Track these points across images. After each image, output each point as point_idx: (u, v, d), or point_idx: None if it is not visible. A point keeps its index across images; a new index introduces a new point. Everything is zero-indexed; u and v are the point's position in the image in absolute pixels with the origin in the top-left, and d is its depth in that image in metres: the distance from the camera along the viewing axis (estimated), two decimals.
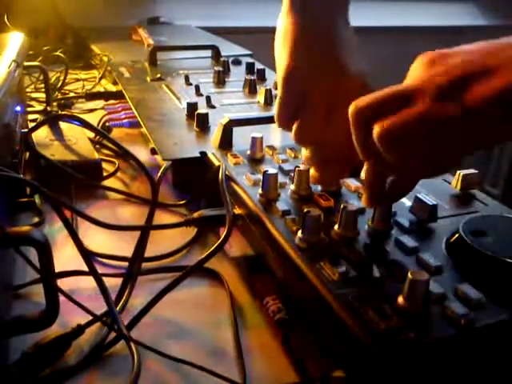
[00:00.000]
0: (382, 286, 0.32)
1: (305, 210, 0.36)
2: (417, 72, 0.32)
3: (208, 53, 0.96)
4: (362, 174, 0.45)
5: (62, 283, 0.39)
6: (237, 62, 0.93)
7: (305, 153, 0.43)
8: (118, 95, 0.77)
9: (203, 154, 0.52)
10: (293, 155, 0.50)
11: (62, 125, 0.64)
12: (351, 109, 0.33)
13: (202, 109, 0.63)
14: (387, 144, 0.31)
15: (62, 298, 0.33)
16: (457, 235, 0.35)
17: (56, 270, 0.33)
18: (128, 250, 0.43)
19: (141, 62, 0.91)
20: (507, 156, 1.94)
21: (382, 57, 2.05)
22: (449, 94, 0.29)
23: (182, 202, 0.53)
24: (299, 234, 0.36)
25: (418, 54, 0.34)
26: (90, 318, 0.36)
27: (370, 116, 0.31)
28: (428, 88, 0.30)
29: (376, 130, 0.31)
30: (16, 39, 0.62)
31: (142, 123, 0.62)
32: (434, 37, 2.10)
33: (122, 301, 0.39)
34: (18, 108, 0.54)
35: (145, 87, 0.76)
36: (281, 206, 0.40)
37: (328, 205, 0.41)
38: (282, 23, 0.44)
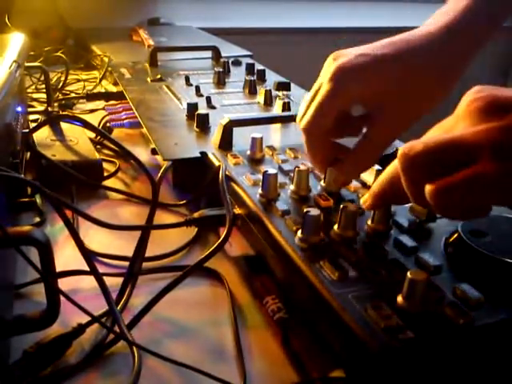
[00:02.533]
0: (381, 285, 0.32)
1: (305, 210, 0.36)
2: (470, 120, 0.30)
3: (208, 53, 0.96)
4: (362, 175, 0.45)
5: (63, 283, 0.39)
6: (237, 63, 0.93)
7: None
8: (118, 96, 0.77)
9: (203, 154, 0.52)
10: (292, 155, 0.51)
11: (63, 125, 0.64)
12: (401, 154, 0.31)
13: (203, 109, 0.63)
14: (441, 205, 0.29)
15: (62, 298, 0.33)
16: (456, 235, 0.35)
17: (57, 270, 0.33)
18: (128, 250, 0.43)
19: (141, 63, 0.91)
20: None
21: None
22: (510, 153, 0.27)
23: (182, 202, 0.53)
24: (299, 233, 0.36)
25: None
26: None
27: (422, 169, 0.30)
28: (487, 145, 0.28)
29: (429, 188, 0.29)
30: (17, 40, 0.62)
31: (142, 124, 0.62)
32: None
33: (123, 300, 0.39)
34: (19, 108, 0.54)
35: (145, 88, 0.77)
36: (281, 205, 0.40)
37: (328, 205, 0.41)
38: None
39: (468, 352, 0.29)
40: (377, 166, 0.44)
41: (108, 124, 0.71)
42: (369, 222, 0.38)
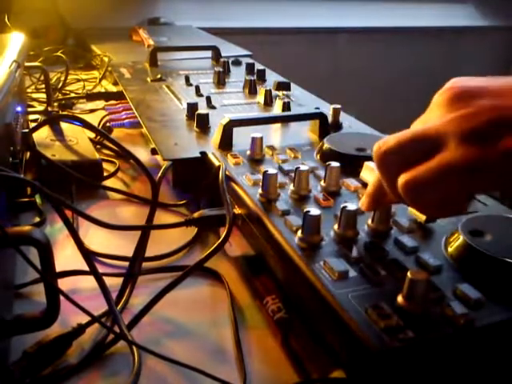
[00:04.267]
0: (381, 285, 0.32)
1: (305, 210, 0.36)
2: (439, 111, 0.30)
3: (208, 53, 0.96)
4: (362, 175, 0.45)
5: (63, 283, 0.40)
6: (237, 63, 0.93)
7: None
8: (118, 96, 0.77)
9: (203, 154, 0.52)
10: (292, 155, 0.51)
11: (63, 125, 0.64)
12: (375, 149, 0.32)
13: (203, 109, 0.63)
14: (410, 196, 0.30)
15: (62, 298, 0.33)
16: (456, 235, 0.35)
17: (57, 270, 0.33)
18: (128, 250, 0.43)
19: (141, 63, 0.91)
20: None
21: (382, 57, 2.05)
22: (474, 139, 0.28)
23: (182, 202, 0.53)
24: (299, 233, 0.36)
25: (418, 53, 0.34)
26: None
27: (394, 161, 0.31)
28: (452, 133, 0.28)
29: (400, 181, 0.30)
30: (17, 40, 0.62)
31: (142, 123, 0.62)
32: (434, 37, 2.11)
33: (123, 300, 0.39)
34: (19, 108, 0.54)
35: (145, 88, 0.77)
36: (281, 205, 0.40)
37: (328, 205, 0.41)
38: None
39: (468, 352, 0.29)
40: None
41: (108, 124, 0.71)
42: (369, 222, 0.38)
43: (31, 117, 0.71)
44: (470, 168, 0.28)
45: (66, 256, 0.44)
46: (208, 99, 0.69)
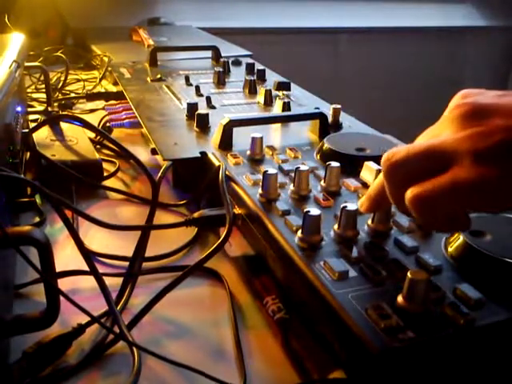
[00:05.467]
0: (381, 285, 0.32)
1: (305, 210, 0.36)
2: (452, 126, 0.30)
3: (208, 53, 0.96)
4: (362, 175, 0.45)
5: (63, 283, 0.40)
6: (237, 63, 0.93)
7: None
8: (118, 95, 0.77)
9: (203, 154, 0.52)
10: (292, 155, 0.51)
11: (63, 125, 0.64)
12: (384, 159, 0.32)
13: (203, 109, 0.63)
14: (419, 210, 0.30)
15: (62, 298, 0.33)
16: (456, 235, 0.35)
17: (57, 270, 0.33)
18: (128, 250, 0.43)
19: (141, 63, 0.91)
20: None
21: (382, 57, 2.05)
22: (488, 158, 0.28)
23: (182, 202, 0.53)
24: (299, 233, 0.36)
25: (418, 53, 0.34)
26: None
27: (403, 174, 0.31)
28: (467, 150, 0.28)
29: (408, 195, 0.30)
30: (17, 40, 0.62)
31: (142, 123, 0.62)
32: (434, 37, 2.11)
33: (123, 300, 0.39)
34: (19, 108, 0.54)
35: (145, 88, 0.77)
36: (281, 205, 0.40)
37: (328, 205, 0.41)
38: None
39: (468, 352, 0.29)
40: (376, 166, 0.44)
41: (108, 124, 0.71)
42: (369, 222, 0.38)
43: (31, 117, 0.71)
44: (483, 187, 0.28)
45: (66, 256, 0.44)
46: (208, 99, 0.69)
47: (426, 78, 2.07)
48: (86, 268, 0.37)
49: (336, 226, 0.37)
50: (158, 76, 0.81)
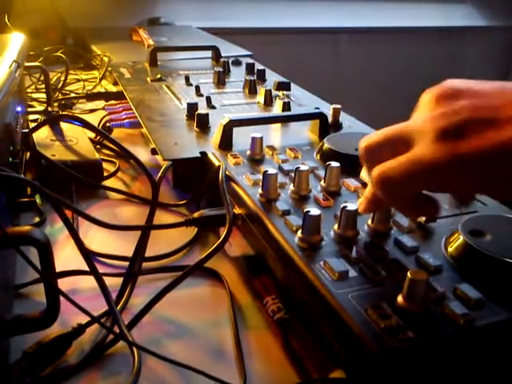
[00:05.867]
0: (381, 285, 0.32)
1: (305, 210, 0.36)
2: (423, 110, 0.31)
3: (208, 53, 0.96)
4: (362, 175, 0.45)
5: (63, 283, 0.40)
6: (237, 63, 0.93)
7: None
8: (118, 96, 0.77)
9: (203, 154, 0.52)
10: (292, 155, 0.51)
11: (63, 125, 0.64)
12: (359, 146, 0.33)
13: (203, 109, 0.63)
14: (381, 189, 0.31)
15: (62, 298, 0.33)
16: (456, 235, 0.35)
17: (57, 270, 0.33)
18: (128, 250, 0.43)
19: (141, 63, 0.91)
20: None
21: (382, 57, 2.05)
22: (447, 135, 0.28)
23: (182, 202, 0.53)
24: (299, 233, 0.36)
25: (418, 53, 0.34)
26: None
27: (375, 157, 0.32)
28: (428, 130, 0.29)
29: (372, 174, 0.31)
30: (17, 40, 0.62)
31: (142, 123, 0.62)
32: (434, 37, 2.11)
33: (123, 300, 0.39)
34: (19, 108, 0.54)
35: (145, 88, 0.77)
36: (281, 205, 0.40)
37: (328, 205, 0.41)
38: None
39: (468, 352, 0.29)
40: None
41: (108, 124, 0.71)
42: (369, 222, 0.38)
43: (31, 117, 0.71)
44: (438, 164, 0.28)
45: (66, 256, 0.44)
46: (208, 99, 0.69)
47: (425, 78, 2.07)
48: (86, 268, 0.37)
49: (336, 226, 0.37)
50: (158, 76, 0.81)
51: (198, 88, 0.75)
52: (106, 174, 0.59)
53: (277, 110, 0.66)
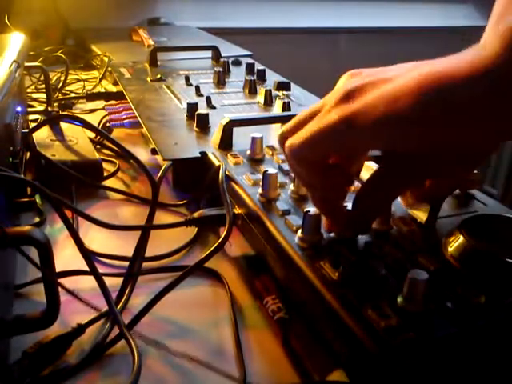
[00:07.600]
0: (381, 285, 0.32)
1: (305, 210, 0.36)
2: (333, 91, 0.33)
3: (208, 53, 0.96)
4: (362, 175, 0.45)
5: (63, 283, 0.40)
6: (237, 63, 0.93)
7: None
8: (118, 96, 0.77)
9: (203, 154, 0.52)
10: None
11: (63, 125, 0.64)
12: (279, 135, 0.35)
13: (203, 109, 0.63)
14: (290, 159, 0.33)
15: (62, 298, 0.33)
16: (456, 235, 0.35)
17: (57, 270, 0.33)
18: (128, 250, 0.43)
19: (141, 63, 0.91)
20: (506, 156, 1.94)
21: (382, 57, 2.05)
22: (345, 98, 0.31)
23: (182, 202, 0.53)
24: (299, 233, 0.36)
25: (418, 53, 0.34)
26: (91, 317, 0.36)
27: (288, 137, 0.34)
28: (329, 101, 0.32)
29: (285, 146, 0.33)
30: (17, 40, 0.62)
31: (142, 123, 0.62)
32: (434, 37, 2.11)
33: (123, 300, 0.39)
34: (19, 108, 0.54)
35: (145, 88, 0.77)
36: (281, 205, 0.40)
37: None
38: None
39: (468, 352, 0.29)
40: (376, 166, 0.44)
41: (108, 124, 0.71)
42: None
43: (31, 117, 0.71)
44: (331, 126, 0.30)
45: (66, 256, 0.44)
46: (208, 99, 0.69)
47: None
48: (86, 268, 0.37)
49: None
50: (158, 76, 0.81)
51: (197, 88, 0.75)
52: (106, 174, 0.59)
53: (277, 109, 0.66)
